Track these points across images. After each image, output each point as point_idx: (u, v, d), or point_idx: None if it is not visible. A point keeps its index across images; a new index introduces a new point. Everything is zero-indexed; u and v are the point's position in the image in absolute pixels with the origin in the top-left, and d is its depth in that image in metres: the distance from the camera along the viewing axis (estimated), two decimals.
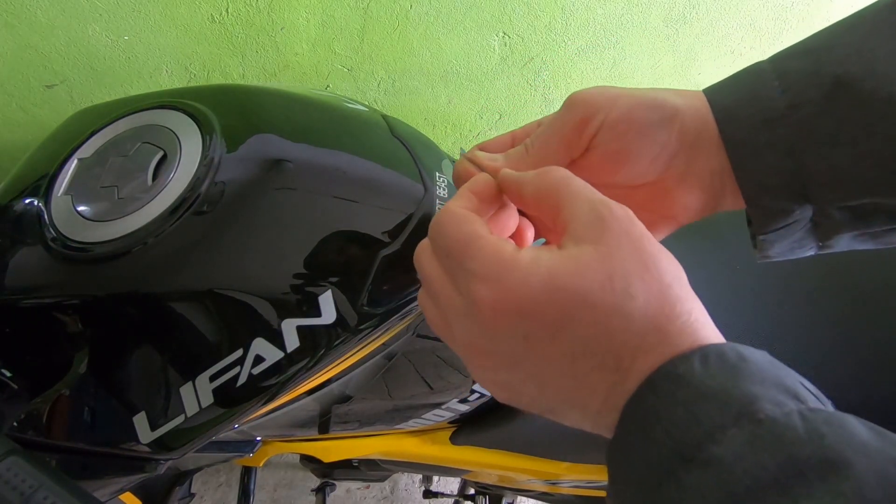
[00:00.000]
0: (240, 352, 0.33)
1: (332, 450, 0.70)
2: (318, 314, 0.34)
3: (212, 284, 0.33)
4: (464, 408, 0.57)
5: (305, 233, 0.34)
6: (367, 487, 1.26)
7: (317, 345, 0.34)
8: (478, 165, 0.30)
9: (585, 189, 0.24)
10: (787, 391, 0.19)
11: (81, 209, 0.34)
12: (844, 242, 0.29)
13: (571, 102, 0.29)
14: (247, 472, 0.91)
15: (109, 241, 0.32)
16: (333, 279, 0.34)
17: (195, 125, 0.35)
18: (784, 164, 0.27)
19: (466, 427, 0.64)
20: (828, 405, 0.20)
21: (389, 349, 0.42)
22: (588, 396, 0.23)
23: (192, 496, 0.70)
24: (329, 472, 0.88)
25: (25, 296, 0.33)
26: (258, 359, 0.33)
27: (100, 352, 0.33)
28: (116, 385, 0.34)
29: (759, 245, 0.30)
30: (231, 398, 0.33)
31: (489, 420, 0.60)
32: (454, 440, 0.64)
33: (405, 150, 0.40)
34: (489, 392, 0.26)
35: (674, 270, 0.23)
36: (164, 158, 0.34)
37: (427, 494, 1.07)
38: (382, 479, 0.97)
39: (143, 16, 0.69)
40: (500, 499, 0.97)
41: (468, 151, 0.32)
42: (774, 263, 0.32)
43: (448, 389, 0.53)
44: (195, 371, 0.33)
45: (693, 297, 0.23)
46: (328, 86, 0.86)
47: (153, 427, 0.33)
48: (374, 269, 0.35)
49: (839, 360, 0.49)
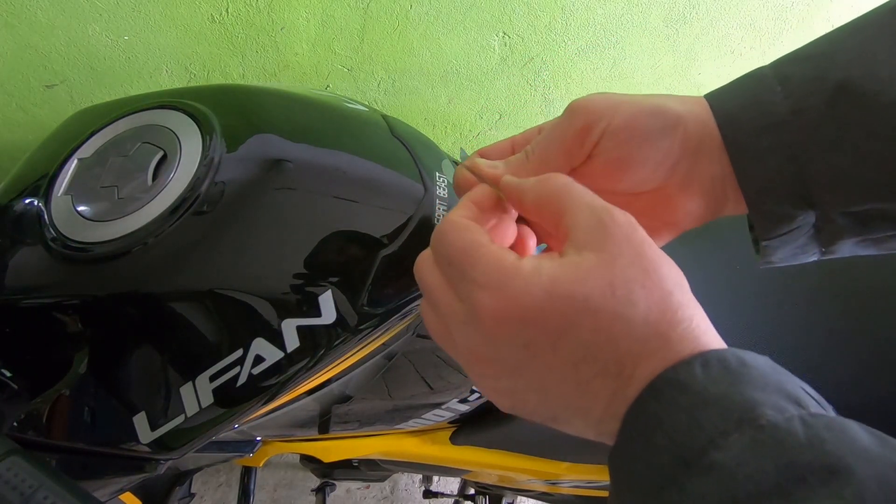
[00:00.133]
0: (240, 352, 0.33)
1: (332, 450, 0.70)
2: (318, 314, 0.34)
3: (212, 284, 0.33)
4: (464, 408, 0.57)
5: (305, 233, 0.34)
6: (367, 487, 1.26)
7: (317, 345, 0.34)
8: (478, 173, 0.30)
9: (587, 195, 0.24)
10: (789, 396, 0.19)
11: (81, 209, 0.34)
12: (847, 248, 0.29)
13: (573, 110, 0.29)
14: (247, 472, 0.91)
15: (109, 241, 0.32)
16: (333, 279, 0.34)
17: (195, 125, 0.35)
18: (786, 169, 0.27)
19: (466, 427, 0.64)
20: (829, 410, 0.20)
21: (389, 349, 0.42)
22: (590, 403, 0.23)
23: (192, 496, 0.70)
24: (329, 472, 0.88)
25: (25, 296, 0.33)
26: (258, 359, 0.33)
27: (100, 352, 0.33)
28: (116, 385, 0.34)
29: (762, 251, 0.30)
30: (231, 398, 0.33)
31: (489, 420, 0.60)
32: (454, 440, 0.64)
33: (405, 150, 0.40)
34: (491, 400, 0.26)
35: (675, 277, 0.23)
36: (164, 158, 0.34)
37: (427, 494, 1.07)
38: (382, 479, 0.97)
39: (143, 16, 0.69)
40: (500, 499, 0.97)
41: (468, 159, 0.31)
42: None
43: (448, 389, 0.53)
44: (195, 371, 0.33)
45: (694, 304, 0.23)
46: (328, 86, 0.86)
47: (153, 427, 0.33)
48: (374, 269, 0.35)
49: (839, 361, 0.49)
